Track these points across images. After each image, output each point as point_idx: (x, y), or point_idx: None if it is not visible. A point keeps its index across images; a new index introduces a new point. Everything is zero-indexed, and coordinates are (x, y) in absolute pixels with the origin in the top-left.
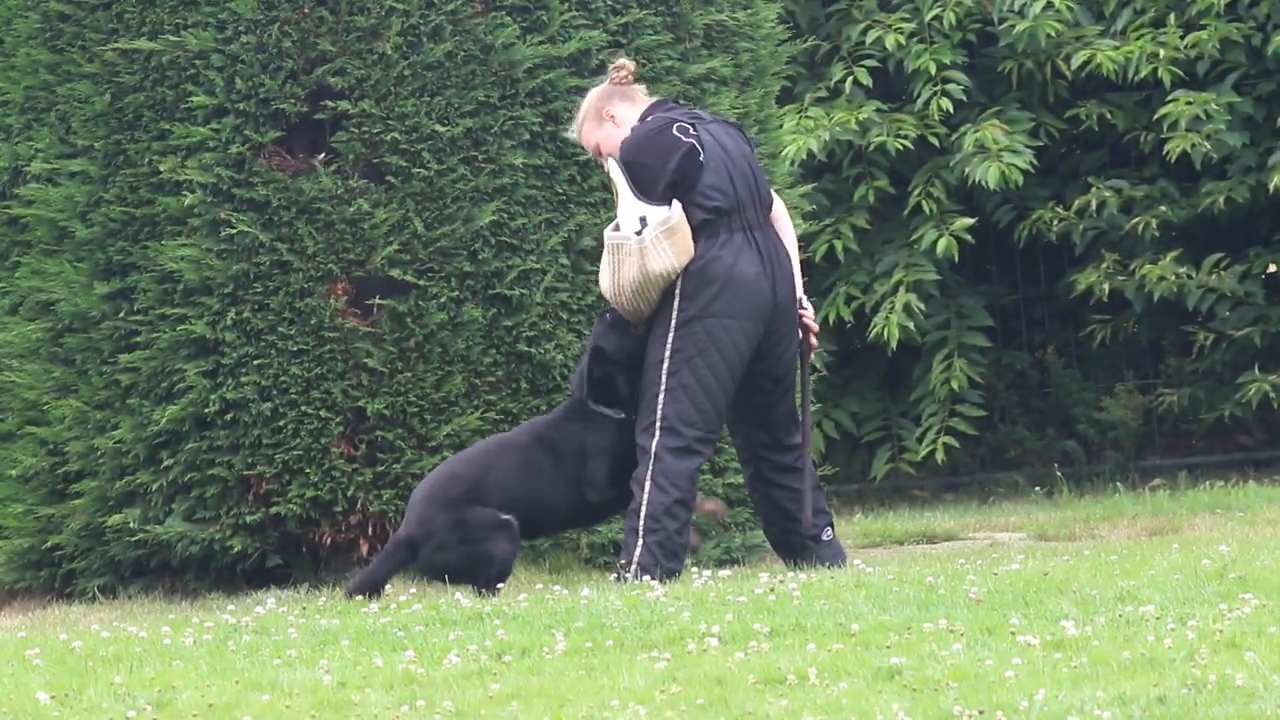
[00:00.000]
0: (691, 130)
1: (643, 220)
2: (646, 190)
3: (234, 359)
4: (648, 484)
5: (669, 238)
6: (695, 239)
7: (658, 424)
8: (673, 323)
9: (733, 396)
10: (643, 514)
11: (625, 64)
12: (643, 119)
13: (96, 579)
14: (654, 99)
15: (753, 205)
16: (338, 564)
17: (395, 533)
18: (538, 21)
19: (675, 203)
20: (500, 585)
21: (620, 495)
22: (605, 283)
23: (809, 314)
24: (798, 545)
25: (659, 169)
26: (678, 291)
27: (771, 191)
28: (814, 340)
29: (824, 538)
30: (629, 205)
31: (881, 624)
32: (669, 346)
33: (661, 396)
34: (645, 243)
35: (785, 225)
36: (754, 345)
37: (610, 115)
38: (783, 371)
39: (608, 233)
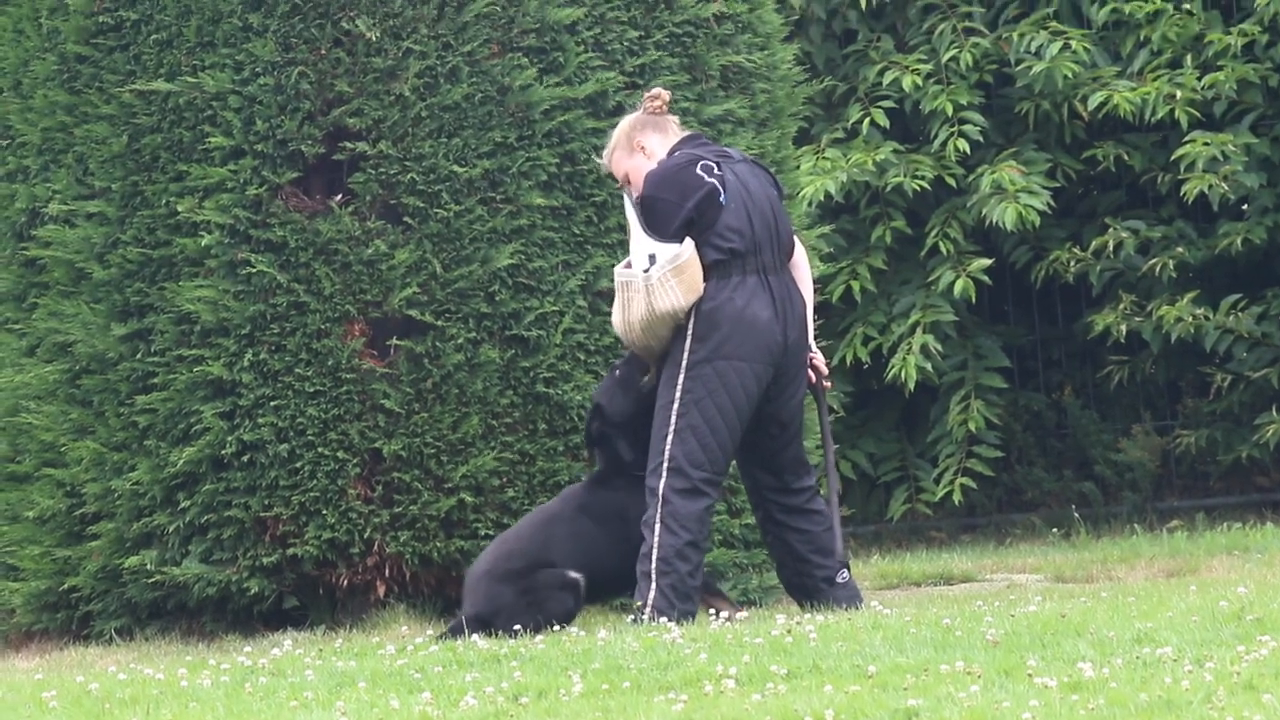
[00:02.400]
0: (715, 170)
1: (652, 258)
2: (661, 228)
3: (251, 400)
4: (658, 527)
5: (677, 276)
6: (708, 279)
7: (665, 465)
8: (683, 364)
9: (740, 439)
10: (654, 557)
11: (661, 94)
12: (671, 153)
13: (113, 621)
14: (686, 133)
15: (770, 248)
16: (354, 605)
17: (461, 612)
18: (554, 63)
19: (687, 240)
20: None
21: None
22: (617, 320)
23: (819, 357)
24: (812, 588)
25: (676, 207)
26: (689, 333)
27: (793, 236)
28: (826, 383)
29: (839, 580)
30: (640, 242)
31: (898, 665)
32: (679, 388)
33: (670, 438)
34: (653, 281)
35: (803, 269)
36: (763, 388)
37: (641, 146)
38: (789, 416)
39: (618, 270)
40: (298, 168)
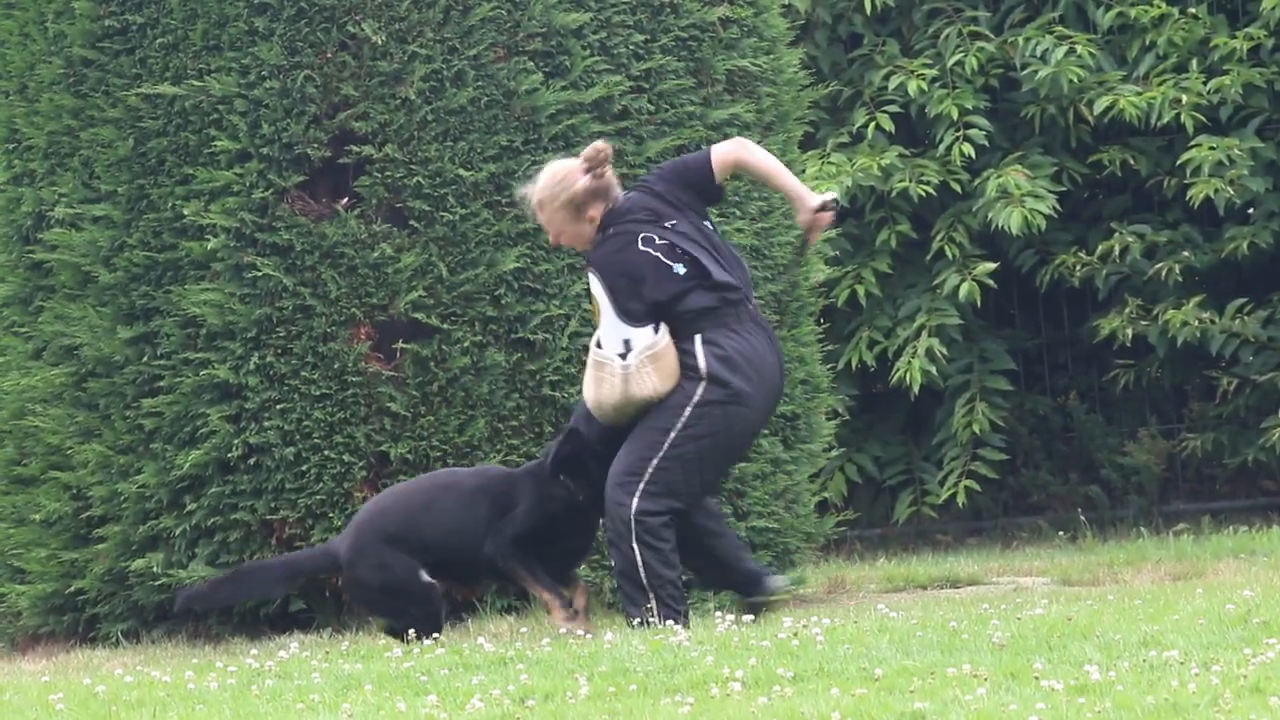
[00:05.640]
0: (656, 240)
1: (627, 344)
2: (631, 313)
3: (257, 403)
4: (636, 545)
5: (654, 363)
6: (708, 326)
7: (642, 485)
8: (695, 400)
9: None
10: (643, 575)
11: (606, 152)
12: (603, 226)
13: (120, 623)
14: (611, 199)
15: (749, 288)
16: (360, 608)
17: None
18: (560, 67)
19: (663, 328)
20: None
21: (510, 569)
22: (589, 395)
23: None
24: (741, 583)
25: (636, 294)
26: (704, 372)
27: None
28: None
29: (764, 573)
30: (612, 327)
31: (905, 669)
32: (683, 420)
33: (655, 462)
34: (630, 369)
35: (752, 148)
36: (759, 433)
37: (591, 217)
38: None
39: (592, 348)
40: (303, 171)
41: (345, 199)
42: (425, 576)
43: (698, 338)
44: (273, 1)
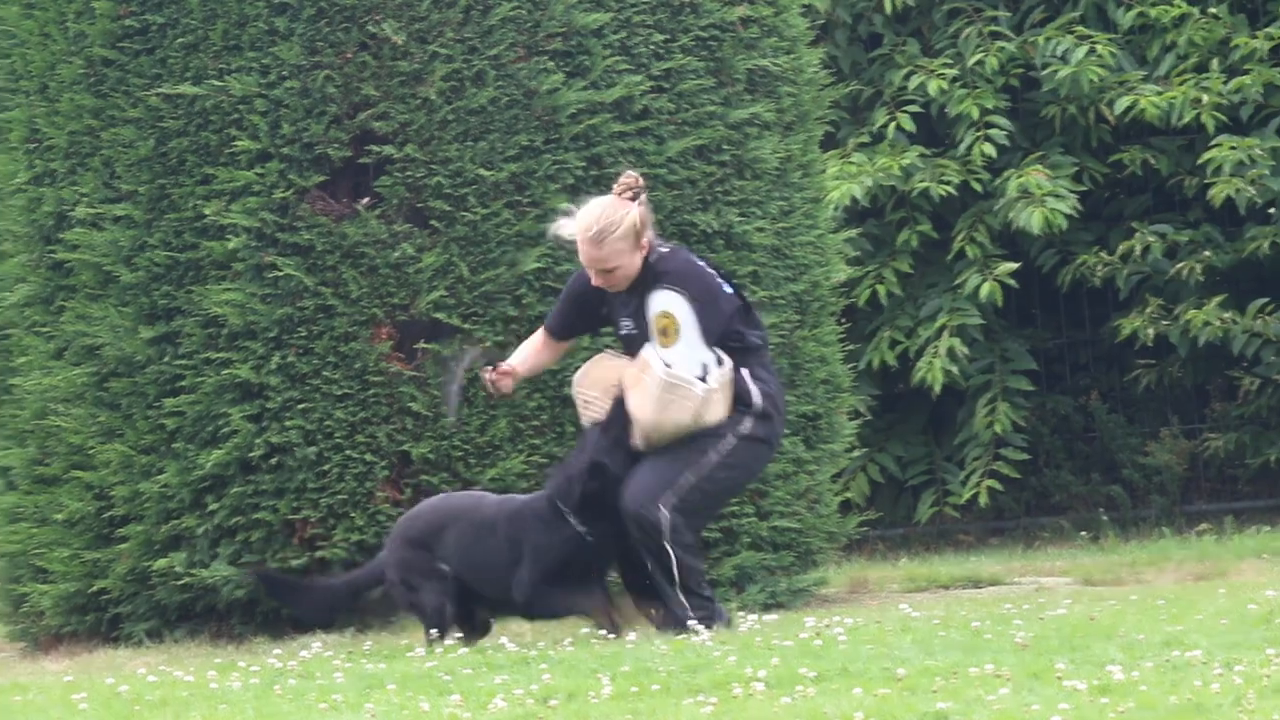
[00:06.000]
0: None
1: (705, 368)
2: (711, 332)
3: (279, 403)
4: (669, 545)
5: (723, 392)
6: (753, 363)
7: (672, 494)
8: (741, 431)
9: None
10: (677, 572)
11: (643, 184)
12: (652, 248)
13: (142, 623)
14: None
15: None
16: (382, 608)
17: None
18: (581, 66)
19: (725, 357)
20: (438, 631)
21: (539, 611)
22: (646, 415)
23: None
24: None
25: (717, 309)
26: (757, 407)
27: None
28: None
29: None
30: (692, 348)
31: (928, 669)
32: (728, 448)
33: (693, 481)
34: (712, 394)
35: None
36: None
37: (644, 246)
38: None
39: (660, 369)
40: (324, 171)
41: (366, 199)
42: (444, 567)
43: (744, 371)
44: (293, 1)
